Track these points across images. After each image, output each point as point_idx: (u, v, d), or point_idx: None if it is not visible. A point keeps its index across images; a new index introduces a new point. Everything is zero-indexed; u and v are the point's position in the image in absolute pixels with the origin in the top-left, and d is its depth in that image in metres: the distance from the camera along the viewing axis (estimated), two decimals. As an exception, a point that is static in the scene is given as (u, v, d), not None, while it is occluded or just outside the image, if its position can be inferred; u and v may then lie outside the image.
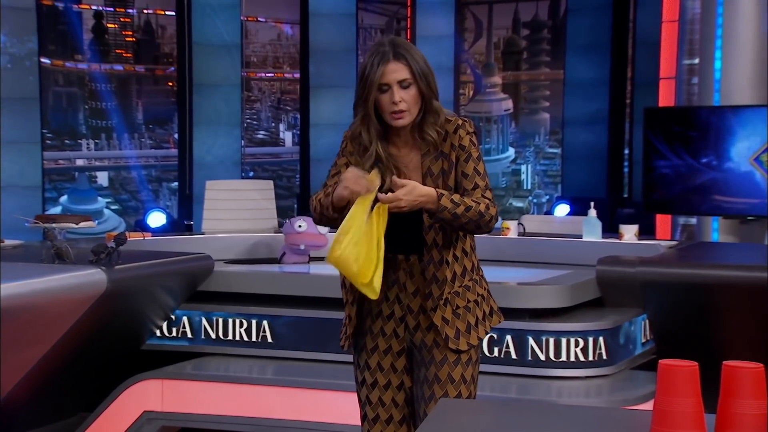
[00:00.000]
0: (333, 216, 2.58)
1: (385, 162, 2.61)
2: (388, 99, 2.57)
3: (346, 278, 2.63)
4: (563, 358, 3.96)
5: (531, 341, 3.96)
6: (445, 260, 2.59)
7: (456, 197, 2.50)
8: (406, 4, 11.24)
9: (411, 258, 2.62)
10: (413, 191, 2.46)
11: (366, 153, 2.63)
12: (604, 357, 4.00)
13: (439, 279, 2.58)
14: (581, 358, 3.96)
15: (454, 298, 2.61)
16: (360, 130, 2.63)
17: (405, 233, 2.57)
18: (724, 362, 1.70)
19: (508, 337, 3.96)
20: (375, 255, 2.47)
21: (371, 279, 2.48)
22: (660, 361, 1.71)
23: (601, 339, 3.99)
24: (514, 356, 3.97)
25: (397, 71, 2.56)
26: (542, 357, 3.96)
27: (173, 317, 4.49)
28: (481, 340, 2.64)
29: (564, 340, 3.96)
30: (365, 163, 2.61)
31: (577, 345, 3.96)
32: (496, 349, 3.98)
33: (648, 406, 2.02)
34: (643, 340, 4.34)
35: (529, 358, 3.97)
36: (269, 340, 4.38)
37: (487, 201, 2.55)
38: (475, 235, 2.70)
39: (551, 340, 3.95)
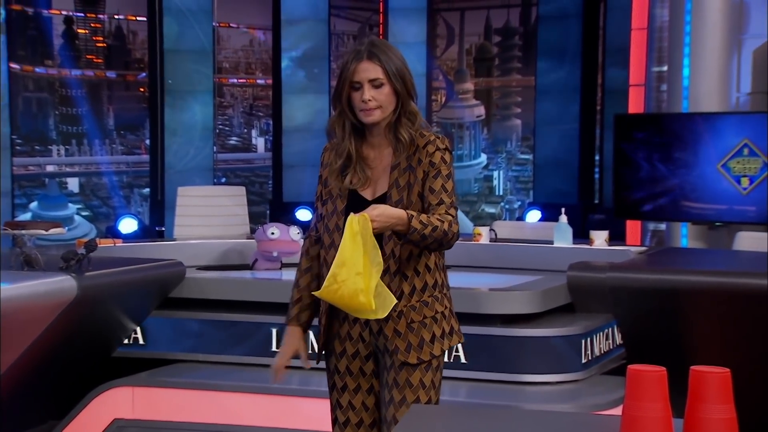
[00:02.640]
0: None
1: (354, 161, 2.64)
2: (359, 97, 2.61)
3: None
4: (534, 363, 3.98)
5: (502, 346, 3.98)
6: (403, 273, 2.59)
7: (424, 218, 2.50)
8: (379, 10, 11.26)
9: None
10: (385, 212, 2.47)
11: (340, 149, 2.66)
12: (575, 362, 4.02)
13: (394, 291, 2.56)
14: (552, 364, 3.98)
15: (410, 312, 2.60)
16: (336, 126, 2.67)
17: None
18: (692, 367, 1.72)
19: (479, 343, 3.97)
20: (373, 279, 2.45)
21: (374, 303, 2.45)
22: (628, 366, 1.73)
23: (572, 344, 4.01)
24: (485, 361, 3.99)
25: (368, 70, 2.60)
26: (513, 362, 3.97)
27: (144, 324, 4.46)
28: (433, 356, 2.62)
29: (535, 346, 3.98)
30: (337, 161, 2.65)
31: (547, 350, 3.98)
32: (467, 355, 4.00)
33: (618, 411, 2.03)
34: (614, 346, 4.37)
35: (500, 364, 3.98)
36: (241, 346, 4.36)
37: (450, 218, 2.55)
38: (444, 253, 2.71)
39: (522, 346, 3.97)
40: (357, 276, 2.42)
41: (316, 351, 2.73)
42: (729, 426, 1.68)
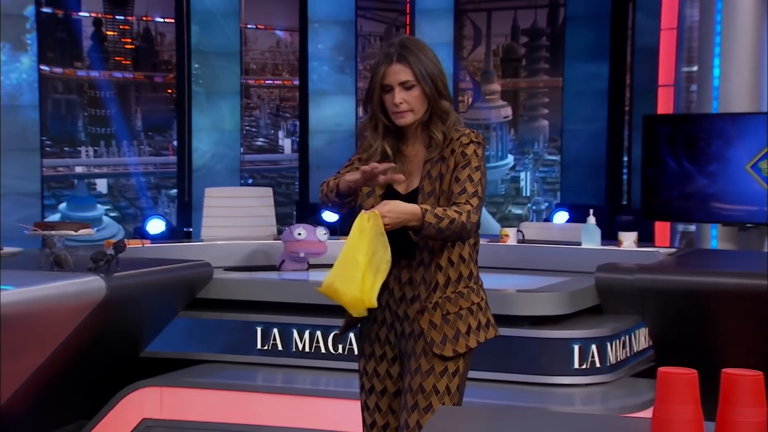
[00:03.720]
0: (335, 200, 2.63)
1: (390, 158, 2.64)
2: (390, 99, 2.60)
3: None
4: (562, 365, 3.96)
5: (530, 348, 3.96)
6: (437, 264, 2.58)
7: (439, 211, 2.48)
8: (405, 11, 11.25)
9: (401, 263, 2.59)
10: (396, 208, 2.45)
11: (372, 150, 2.67)
12: (604, 364, 4.00)
13: (428, 282, 2.57)
14: (580, 366, 3.96)
15: (445, 303, 2.58)
16: (367, 129, 2.68)
17: (396, 236, 2.51)
18: (723, 370, 1.70)
19: (507, 344, 3.95)
20: (378, 276, 2.46)
21: (372, 300, 2.47)
22: (659, 368, 1.71)
23: (600, 346, 3.99)
24: (513, 363, 3.97)
25: (398, 73, 2.58)
26: (541, 364, 3.95)
27: (172, 324, 4.48)
28: (470, 348, 2.59)
29: (563, 348, 3.96)
30: (371, 159, 2.64)
31: (576, 352, 3.95)
32: (494, 356, 3.98)
33: (648, 413, 2.02)
34: (643, 347, 4.34)
35: (528, 365, 3.96)
36: (268, 347, 4.37)
37: (469, 208, 2.51)
38: (477, 245, 2.70)
39: (550, 348, 3.95)
40: (356, 271, 2.42)
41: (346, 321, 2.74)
42: (761, 430, 1.66)
